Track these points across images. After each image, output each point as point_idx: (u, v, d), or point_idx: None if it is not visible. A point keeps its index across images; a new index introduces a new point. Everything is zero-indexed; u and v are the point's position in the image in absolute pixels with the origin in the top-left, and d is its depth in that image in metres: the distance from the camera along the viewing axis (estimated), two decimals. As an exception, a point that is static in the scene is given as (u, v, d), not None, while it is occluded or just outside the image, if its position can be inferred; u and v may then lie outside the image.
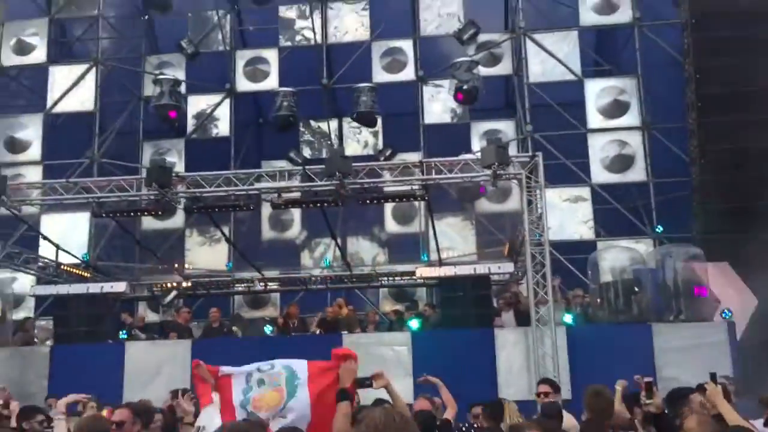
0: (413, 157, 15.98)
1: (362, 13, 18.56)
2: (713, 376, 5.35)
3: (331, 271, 16.71)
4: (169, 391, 8.70)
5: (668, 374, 11.40)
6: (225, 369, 4.69)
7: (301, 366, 4.60)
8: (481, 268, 13.00)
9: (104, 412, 6.52)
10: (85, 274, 15.22)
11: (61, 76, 17.99)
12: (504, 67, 18.21)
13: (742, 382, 10.68)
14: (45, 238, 15.02)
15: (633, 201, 16.35)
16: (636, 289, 12.50)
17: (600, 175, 16.47)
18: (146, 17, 18.87)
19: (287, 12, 18.82)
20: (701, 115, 14.11)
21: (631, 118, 16.64)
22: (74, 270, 15.10)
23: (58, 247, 14.89)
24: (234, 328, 14.07)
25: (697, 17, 14.06)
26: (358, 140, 18.60)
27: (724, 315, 12.17)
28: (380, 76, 18.09)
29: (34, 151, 17.71)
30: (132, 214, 13.51)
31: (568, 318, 12.47)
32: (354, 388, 4.63)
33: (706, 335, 11.78)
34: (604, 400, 5.81)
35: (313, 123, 18.76)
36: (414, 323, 12.85)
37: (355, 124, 17.78)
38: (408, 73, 18.15)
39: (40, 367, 12.06)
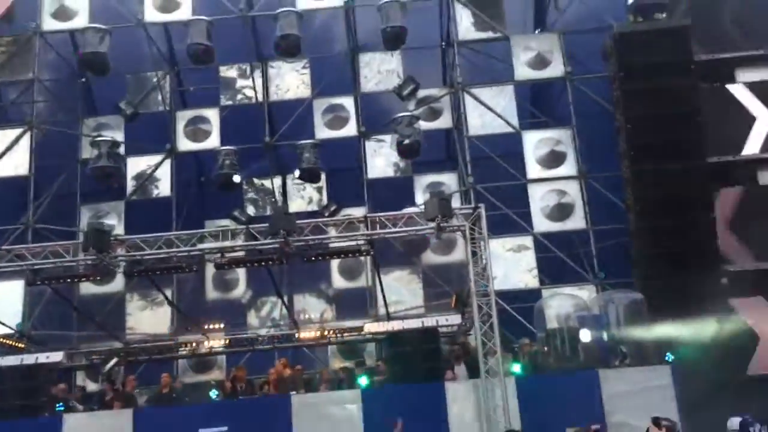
0: (358, 211, 16.01)
1: (303, 71, 18.77)
2: (655, 420, 5.42)
3: (278, 330, 16.43)
4: None
5: (617, 420, 11.54)
6: None
7: None
8: (429, 321, 13.04)
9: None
10: (20, 345, 14.58)
11: (-6, 140, 17.54)
12: (444, 121, 18.59)
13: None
14: (-24, 308, 14.41)
15: (574, 248, 16.68)
16: (581, 336, 12.62)
17: (541, 224, 16.81)
18: (83, 80, 18.65)
19: (228, 71, 18.88)
20: (634, 163, 14.57)
21: (569, 167, 17.13)
22: (7, 341, 14.46)
23: (-10, 317, 14.28)
24: None
25: (625, 70, 14.65)
26: (303, 196, 18.58)
27: (666, 358, 12.39)
28: (322, 132, 18.26)
29: (-35, 218, 17.10)
30: (69, 280, 13.06)
31: (516, 368, 12.49)
32: None
33: (651, 379, 11.96)
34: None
35: (256, 181, 18.67)
36: (363, 380, 12.67)
37: (298, 180, 17.84)
38: (350, 129, 18.35)
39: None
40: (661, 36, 14.65)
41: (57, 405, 12.39)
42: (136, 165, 18.23)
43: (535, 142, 17.36)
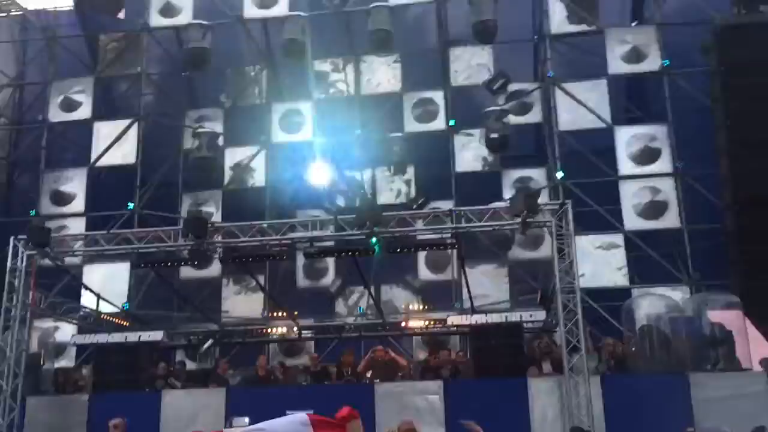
0: (445, 205, 16.12)
1: (394, 66, 18.99)
2: (760, 430, 5.26)
3: (365, 319, 16.79)
4: None
5: (708, 426, 11.18)
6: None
7: (302, 421, 4.70)
8: (513, 316, 12.99)
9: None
10: (125, 323, 15.56)
11: (105, 131, 18.70)
12: (534, 116, 18.35)
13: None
14: (87, 288, 15.47)
15: (667, 248, 16.18)
16: (672, 338, 12.31)
17: (633, 221, 16.40)
18: (186, 74, 19.59)
19: (321, 65, 19.35)
20: (733, 161, 14.05)
21: (663, 164, 16.62)
22: (114, 319, 15.46)
23: (99, 296, 15.29)
24: None
25: (726, 65, 14.11)
26: (391, 189, 18.82)
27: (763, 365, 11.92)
28: (412, 125, 18.43)
29: (78, 204, 18.36)
30: (170, 264, 13.84)
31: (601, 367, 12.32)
32: None
33: (745, 385, 11.54)
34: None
35: (347, 172, 19.08)
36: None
37: (388, 172, 18.11)
38: (439, 123, 18.45)
39: (79, 415, 12.31)
40: (766, 29, 14.02)
41: (157, 381, 13.19)
42: (233, 155, 18.97)
43: (627, 138, 16.93)
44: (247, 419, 8.44)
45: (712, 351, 12.57)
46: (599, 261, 16.21)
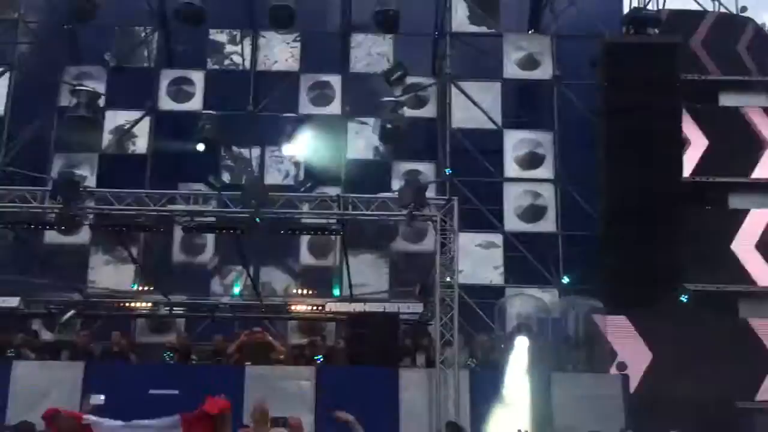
0: (333, 191, 15.97)
1: (293, 45, 18.60)
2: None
3: (241, 299, 16.39)
4: None
5: (564, 423, 11.73)
6: (90, 418, 4.47)
7: (173, 423, 4.46)
8: (391, 307, 13.09)
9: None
10: (-24, 287, 14.36)
11: (-29, 78, 17.19)
12: (429, 111, 18.53)
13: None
14: (-65, 245, 14.18)
15: (542, 251, 16.83)
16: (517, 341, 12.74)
17: (513, 223, 16.94)
18: (69, 26, 18.30)
19: (217, 35, 18.65)
20: (609, 173, 14.74)
21: (546, 170, 17.26)
22: (-36, 281, 14.23)
23: (-52, 256, 14.07)
24: None
25: (610, 81, 14.77)
26: (279, 170, 18.47)
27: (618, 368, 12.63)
28: (306, 108, 18.14)
29: (-67, 154, 16.77)
30: (33, 226, 12.89)
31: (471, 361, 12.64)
32: None
33: (602, 386, 12.19)
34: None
35: (234, 148, 18.53)
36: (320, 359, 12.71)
37: (277, 153, 17.74)
38: (335, 108, 18.27)
39: None
40: (650, 50, 14.79)
41: (8, 351, 12.28)
42: (114, 119, 17.93)
43: (515, 142, 17.46)
44: (102, 397, 7.93)
45: (574, 352, 13.20)
46: (478, 259, 16.63)
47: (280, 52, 18.59)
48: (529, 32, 18.89)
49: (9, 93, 17.08)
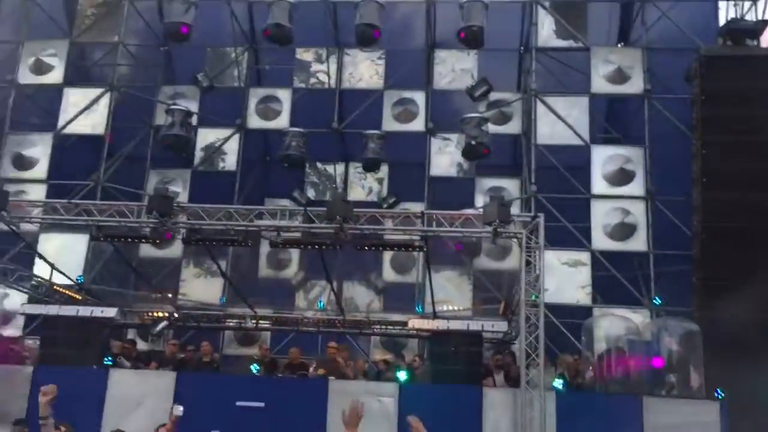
0: (416, 207, 15.98)
1: (378, 62, 18.83)
2: None
3: (325, 314, 16.56)
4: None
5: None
6: None
7: None
8: (474, 325, 12.89)
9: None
10: (78, 297, 15.10)
11: (75, 99, 18.15)
12: (513, 126, 18.35)
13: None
14: (41, 257, 14.98)
15: (632, 270, 16.26)
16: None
17: (601, 241, 16.43)
18: (165, 48, 19.13)
19: (304, 54, 19.11)
20: (705, 190, 14.12)
21: (636, 187, 16.69)
22: (67, 291, 14.99)
23: (53, 267, 14.82)
24: None
25: (707, 94, 14.19)
26: (363, 186, 18.68)
27: (717, 395, 11.99)
28: (390, 124, 18.27)
29: (40, 170, 17.77)
30: (130, 240, 13.45)
31: (558, 383, 12.30)
32: None
33: (698, 414, 11.60)
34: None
35: (319, 165, 18.88)
36: (402, 374, 12.66)
37: (361, 169, 17.95)
38: (418, 124, 18.32)
39: (22, 387, 11.86)
40: (750, 62, 14.14)
41: (105, 358, 12.82)
42: (206, 137, 18.63)
43: (604, 158, 16.98)
44: (182, 408, 8.17)
45: (667, 376, 12.63)
46: (564, 277, 16.20)
47: (365, 69, 18.83)
48: (619, 45, 18.43)
49: (109, 112, 17.94)
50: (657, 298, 15.72)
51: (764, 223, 13.85)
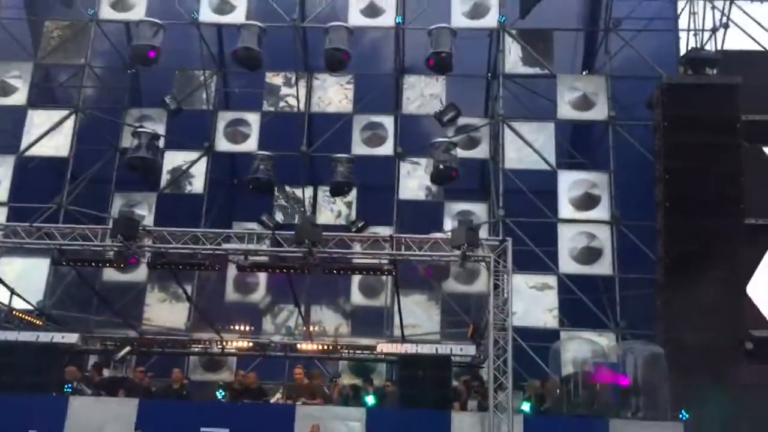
0: (385, 231, 16.00)
1: (347, 86, 18.94)
2: None
3: (292, 339, 16.40)
4: None
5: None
6: None
7: None
8: (443, 349, 12.86)
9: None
10: (38, 323, 14.74)
11: (39, 120, 17.94)
12: (481, 151, 18.55)
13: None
14: (0, 281, 14.61)
15: (598, 293, 16.44)
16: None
17: (568, 265, 16.61)
18: (132, 71, 19.00)
19: (273, 78, 19.13)
20: (668, 215, 14.36)
21: (601, 212, 16.95)
22: (27, 317, 14.63)
23: (12, 291, 14.48)
24: None
25: (669, 121, 14.50)
26: (332, 209, 18.65)
27: (681, 416, 12.10)
28: (359, 148, 18.33)
29: (1, 192, 17.46)
30: (93, 264, 13.20)
31: (525, 407, 12.31)
32: None
33: (662, 435, 11.69)
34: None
35: (288, 189, 18.79)
36: (370, 399, 12.56)
37: (329, 193, 17.93)
38: (387, 148, 18.40)
39: (-24, 416, 11.50)
40: (710, 91, 14.51)
41: (65, 386, 12.49)
42: (173, 159, 18.50)
43: (570, 183, 17.23)
44: None
45: (633, 399, 12.72)
46: (531, 300, 16.35)
47: (334, 93, 18.93)
48: (583, 73, 18.79)
49: (74, 135, 17.71)
50: (622, 320, 15.90)
51: (725, 247, 14.12)
